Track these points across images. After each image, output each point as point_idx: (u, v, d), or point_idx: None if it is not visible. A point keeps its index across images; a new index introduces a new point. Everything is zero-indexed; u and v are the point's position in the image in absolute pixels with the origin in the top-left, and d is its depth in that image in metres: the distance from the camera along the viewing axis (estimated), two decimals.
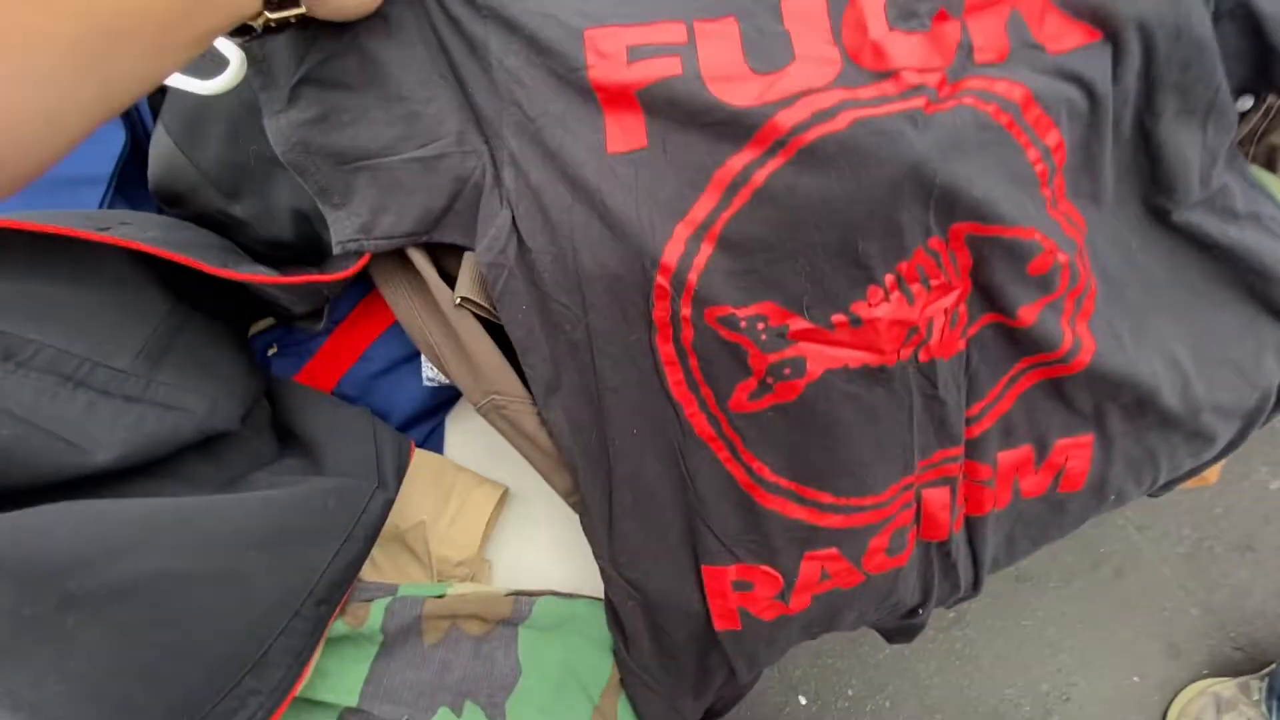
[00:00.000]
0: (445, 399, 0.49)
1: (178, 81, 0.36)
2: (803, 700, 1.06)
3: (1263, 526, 1.11)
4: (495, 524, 0.48)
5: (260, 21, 0.33)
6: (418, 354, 0.46)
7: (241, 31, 0.34)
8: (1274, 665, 0.97)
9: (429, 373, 0.46)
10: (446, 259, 0.42)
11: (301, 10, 0.34)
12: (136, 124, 0.43)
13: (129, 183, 0.43)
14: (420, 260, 0.40)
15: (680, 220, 0.34)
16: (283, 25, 0.35)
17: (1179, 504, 1.12)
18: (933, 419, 0.38)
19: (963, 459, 0.41)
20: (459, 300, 0.39)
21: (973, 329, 0.38)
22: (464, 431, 0.51)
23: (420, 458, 0.46)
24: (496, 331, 0.41)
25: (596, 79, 0.34)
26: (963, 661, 1.09)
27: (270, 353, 0.48)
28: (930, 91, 0.32)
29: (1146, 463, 0.43)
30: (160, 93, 0.42)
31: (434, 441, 0.51)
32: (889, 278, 0.34)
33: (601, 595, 0.43)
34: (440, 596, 0.39)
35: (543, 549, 0.47)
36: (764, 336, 0.35)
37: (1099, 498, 0.44)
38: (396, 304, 0.43)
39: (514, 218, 0.37)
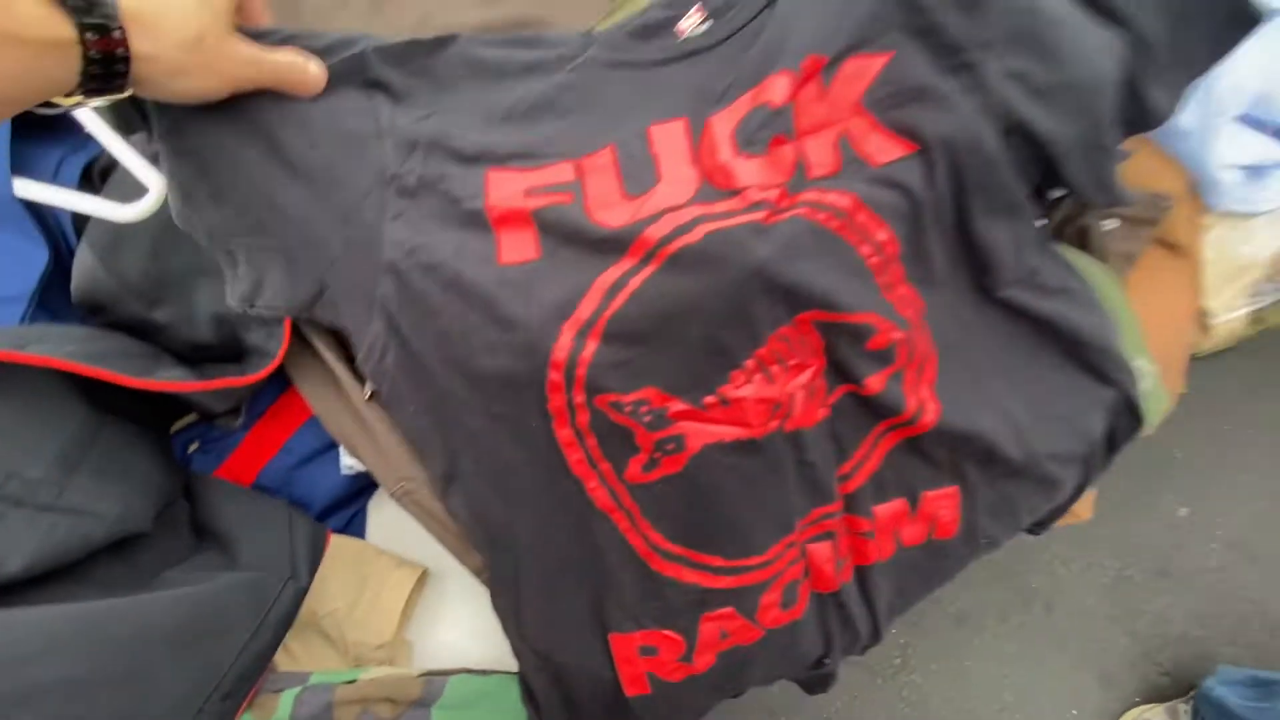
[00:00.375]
0: (365, 485, 0.52)
1: (99, 210, 0.39)
2: None
3: (1176, 553, 1.18)
4: (416, 604, 0.50)
5: (72, 103, 0.32)
6: (335, 444, 0.49)
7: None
8: (1194, 689, 1.02)
9: (346, 461, 0.48)
10: None
11: (129, 94, 0.33)
12: (59, 242, 0.46)
13: (53, 297, 0.46)
14: (330, 358, 0.43)
15: (566, 320, 0.38)
16: (108, 82, 0.32)
17: (1098, 536, 1.19)
18: (806, 481, 0.42)
19: (842, 514, 0.45)
20: (369, 394, 0.42)
21: (832, 398, 0.42)
22: (385, 515, 0.53)
23: (338, 544, 0.48)
24: None
25: (493, 205, 0.39)
26: (911, 708, 1.11)
27: (191, 449, 0.50)
28: (771, 205, 0.38)
29: (1006, 508, 0.48)
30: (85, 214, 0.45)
31: (356, 526, 0.53)
32: (749, 363, 0.39)
33: (517, 669, 0.44)
34: (351, 682, 0.40)
35: (462, 626, 0.49)
36: (648, 418, 0.39)
37: (972, 543, 0.49)
38: (312, 399, 0.46)
39: (390, 326, 0.39)
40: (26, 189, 0.41)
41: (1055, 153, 0.41)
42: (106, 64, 0.30)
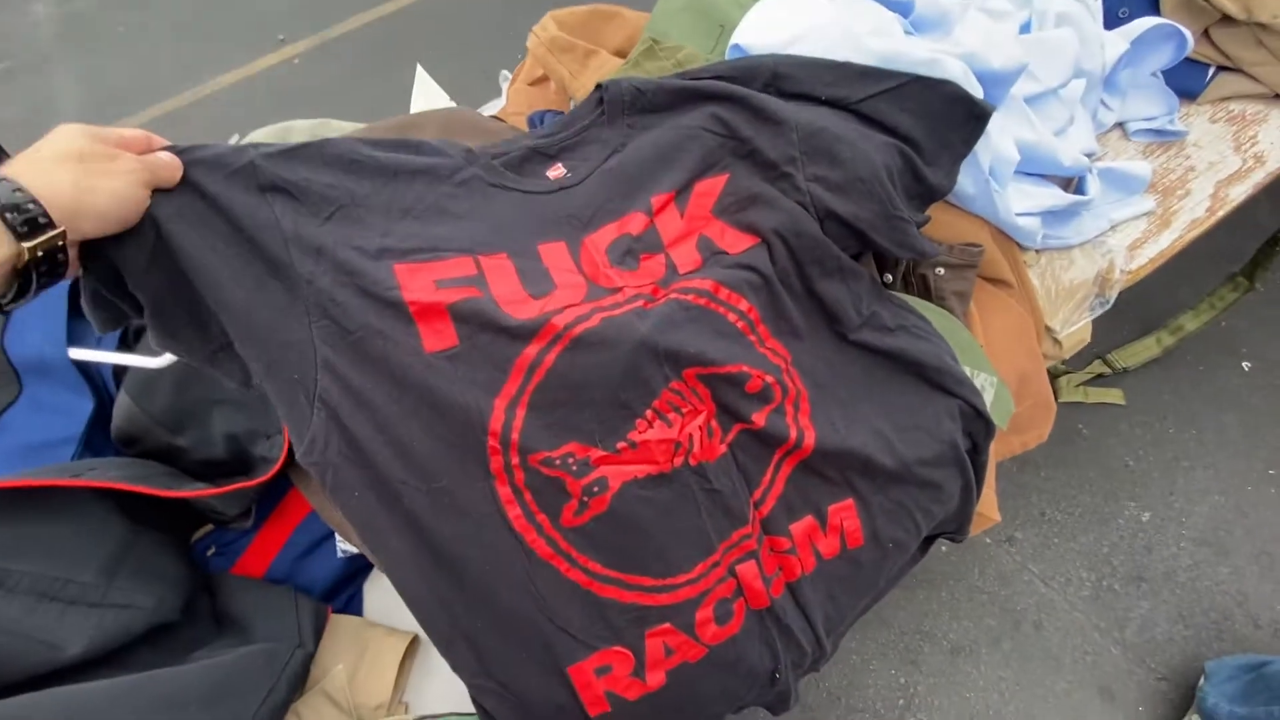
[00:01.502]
0: (360, 567, 0.60)
1: (133, 362, 0.51)
2: None
3: (1146, 556, 1.23)
4: (409, 668, 0.57)
5: (24, 260, 0.34)
6: (331, 534, 0.58)
7: (24, 284, 0.36)
8: (1196, 694, 1.04)
9: (342, 545, 0.57)
10: None
11: (60, 230, 0.35)
12: (102, 392, 0.57)
13: (96, 436, 0.56)
14: None
15: (497, 396, 0.48)
16: (53, 267, 0.37)
17: (1069, 551, 1.24)
18: (717, 506, 0.51)
19: (762, 535, 0.53)
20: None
21: (730, 435, 0.52)
22: (379, 592, 0.61)
23: (338, 621, 0.55)
24: None
25: (410, 299, 0.44)
26: None
27: (210, 553, 0.59)
28: (647, 296, 0.50)
29: (901, 513, 0.56)
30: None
31: (355, 605, 0.61)
32: (649, 413, 0.49)
33: None
34: None
35: (452, 683, 0.55)
36: (574, 467, 0.49)
37: (881, 548, 0.57)
38: (310, 495, 0.55)
39: (330, 417, 0.43)
40: (78, 353, 0.53)
41: (861, 228, 0.54)
42: (32, 226, 0.34)
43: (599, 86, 0.58)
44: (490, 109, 0.95)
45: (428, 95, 1.02)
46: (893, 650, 1.17)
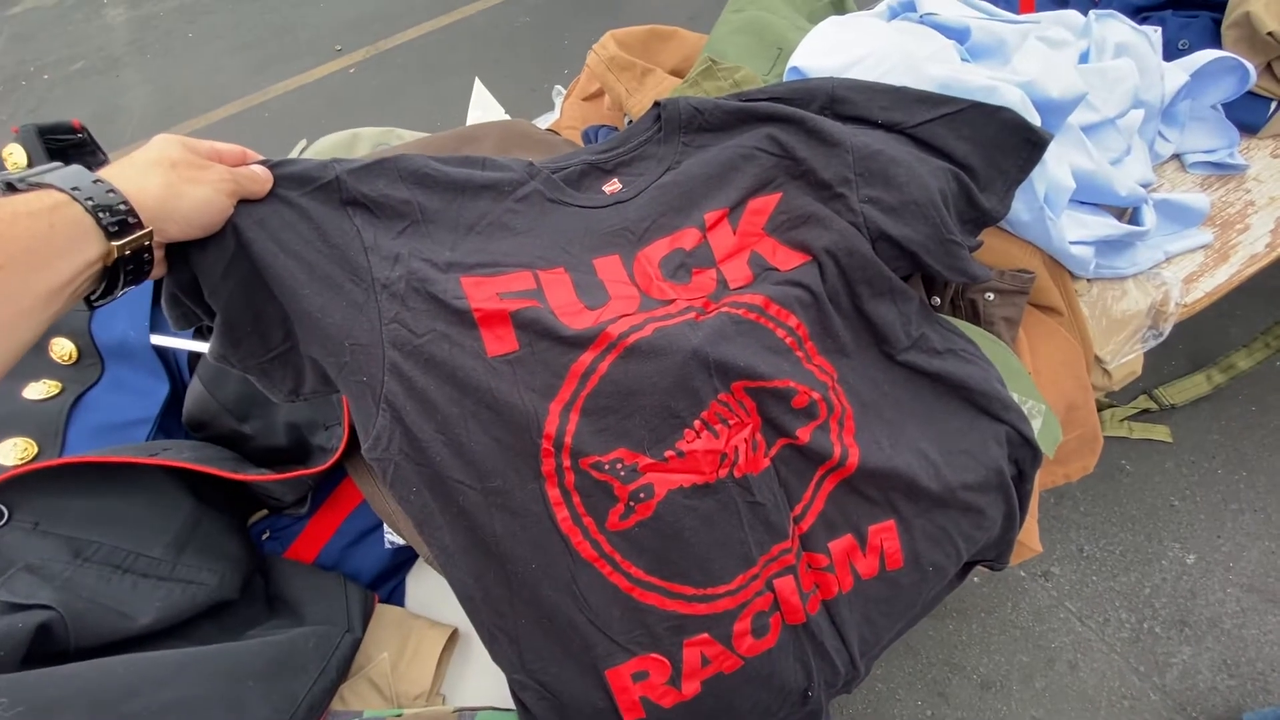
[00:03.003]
0: (405, 559, 0.62)
1: (202, 348, 0.53)
2: None
3: (1191, 601, 1.19)
4: (449, 660, 0.58)
5: (113, 258, 0.36)
6: (380, 524, 0.60)
7: (111, 282, 0.37)
8: None
9: (390, 537, 0.59)
10: None
11: (150, 230, 0.37)
12: (176, 377, 0.61)
13: (168, 420, 0.59)
14: None
15: (553, 400, 0.50)
16: (139, 266, 0.38)
17: (1110, 590, 1.21)
18: (759, 519, 0.52)
19: (800, 551, 0.54)
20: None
21: (774, 450, 0.53)
22: (422, 584, 0.62)
23: (381, 610, 0.57)
24: None
25: (478, 307, 0.47)
26: None
27: (265, 537, 0.61)
28: (699, 309, 0.51)
29: (942, 537, 0.56)
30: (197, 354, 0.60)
31: (398, 596, 0.62)
32: (697, 423, 0.50)
33: None
34: (398, 716, 0.49)
35: (488, 676, 0.57)
36: (622, 473, 0.50)
37: (920, 571, 0.56)
38: (363, 485, 0.57)
39: (394, 417, 0.45)
40: (160, 339, 0.56)
41: (914, 250, 0.54)
42: (121, 226, 0.35)
43: (657, 104, 0.60)
44: (542, 122, 0.97)
45: (484, 107, 1.05)
46: (920, 681, 1.15)
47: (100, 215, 0.35)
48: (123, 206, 0.36)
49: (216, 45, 2.77)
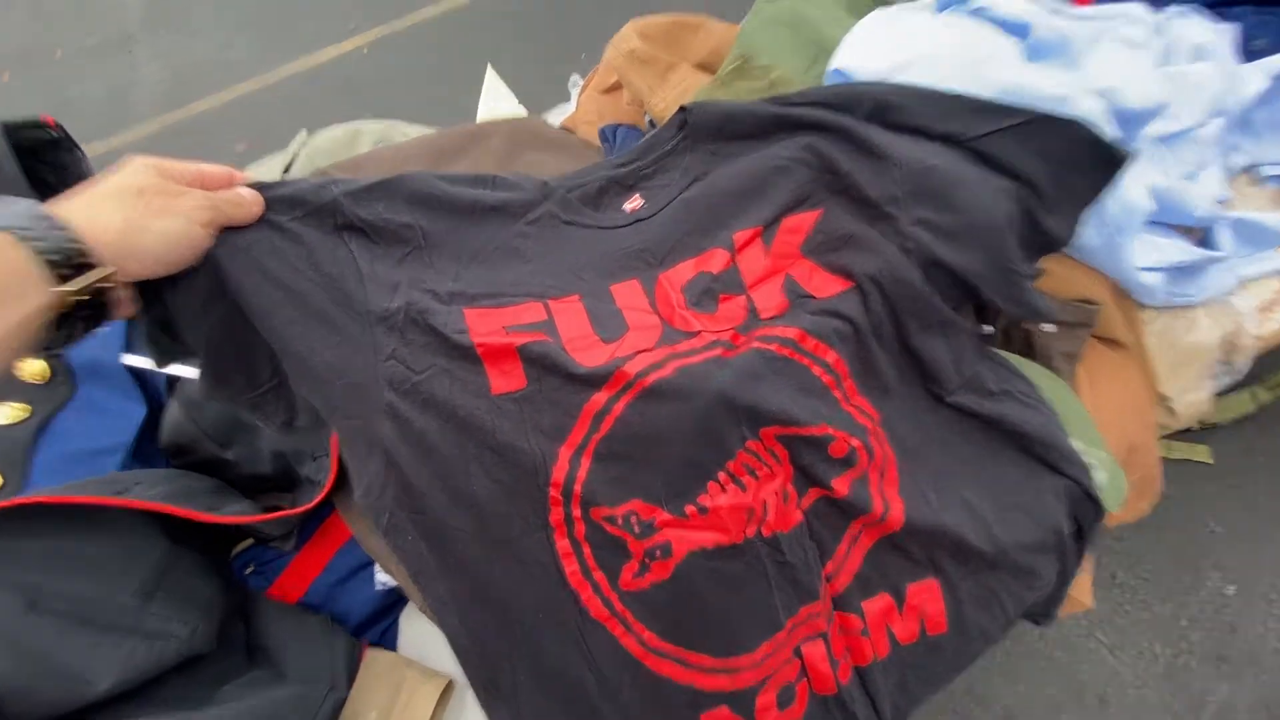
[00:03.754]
0: (396, 600, 0.57)
1: (183, 372, 0.49)
2: None
3: (1230, 635, 1.13)
4: (443, 713, 0.54)
5: (67, 305, 0.33)
6: (370, 563, 0.55)
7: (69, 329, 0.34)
8: None
9: (381, 578, 0.55)
10: None
11: (109, 270, 0.34)
12: (155, 399, 0.56)
13: (145, 445, 0.55)
14: None
15: (563, 444, 0.45)
16: (99, 309, 0.35)
17: (1144, 621, 1.15)
18: (787, 580, 0.46)
19: (832, 613, 0.48)
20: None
21: (805, 502, 0.47)
22: (416, 626, 0.58)
23: (372, 656, 0.53)
24: None
25: (478, 341, 0.43)
26: None
27: (248, 571, 0.57)
28: (726, 343, 0.45)
29: (991, 599, 0.50)
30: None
31: (389, 638, 0.58)
32: (722, 475, 0.45)
33: None
34: None
35: None
36: (637, 528, 0.45)
37: (965, 636, 0.51)
38: (352, 523, 0.52)
39: (389, 463, 0.42)
40: (132, 359, 0.51)
41: (971, 280, 0.48)
42: (74, 269, 0.32)
43: (683, 109, 0.54)
44: (557, 114, 0.91)
45: (496, 96, 0.99)
46: (941, 713, 1.10)
47: (52, 259, 0.32)
48: (73, 246, 0.33)
49: (229, 22, 2.72)
